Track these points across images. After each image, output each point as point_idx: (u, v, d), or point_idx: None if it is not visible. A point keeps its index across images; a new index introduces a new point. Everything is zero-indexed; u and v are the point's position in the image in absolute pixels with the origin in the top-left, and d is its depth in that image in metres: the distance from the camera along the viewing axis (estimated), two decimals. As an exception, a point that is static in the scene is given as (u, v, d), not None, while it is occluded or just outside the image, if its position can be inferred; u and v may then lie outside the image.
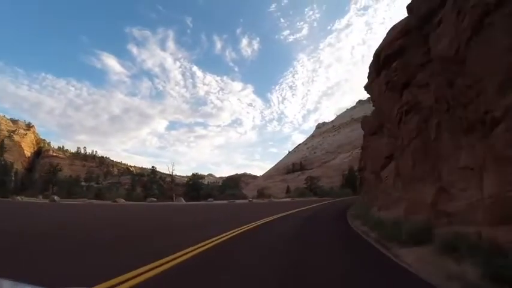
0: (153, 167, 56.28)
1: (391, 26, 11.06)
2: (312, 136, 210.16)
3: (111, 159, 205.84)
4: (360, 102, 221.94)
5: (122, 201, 46.17)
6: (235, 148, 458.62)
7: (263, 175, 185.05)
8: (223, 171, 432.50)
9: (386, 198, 10.92)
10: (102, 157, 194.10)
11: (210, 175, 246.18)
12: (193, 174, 74.23)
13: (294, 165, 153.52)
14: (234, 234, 7.96)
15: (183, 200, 50.03)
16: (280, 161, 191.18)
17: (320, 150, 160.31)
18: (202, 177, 73.80)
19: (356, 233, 9.17)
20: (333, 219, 14.20)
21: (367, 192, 16.59)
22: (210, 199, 53.35)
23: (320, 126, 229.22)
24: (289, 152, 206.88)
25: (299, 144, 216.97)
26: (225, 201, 47.99)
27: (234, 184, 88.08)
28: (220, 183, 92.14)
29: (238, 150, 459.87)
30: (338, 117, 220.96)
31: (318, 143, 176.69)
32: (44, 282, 3.18)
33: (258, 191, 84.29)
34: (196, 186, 68.07)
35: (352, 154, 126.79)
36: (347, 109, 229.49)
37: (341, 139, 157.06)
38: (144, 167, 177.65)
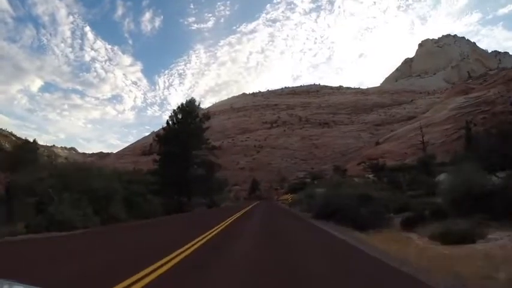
0: None
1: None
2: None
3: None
4: (244, 94, 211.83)
5: None
6: (110, 126, 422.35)
7: (116, 153, 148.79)
8: (93, 148, 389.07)
9: None
10: None
11: (72, 149, 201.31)
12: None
13: (151, 146, 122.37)
14: None
15: None
16: (139, 139, 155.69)
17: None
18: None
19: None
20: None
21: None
22: None
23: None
24: (154, 132, 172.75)
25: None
26: None
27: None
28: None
29: (113, 129, 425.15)
30: (217, 104, 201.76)
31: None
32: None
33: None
34: None
35: (223, 143, 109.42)
36: (228, 98, 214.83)
37: (214, 125, 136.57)
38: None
